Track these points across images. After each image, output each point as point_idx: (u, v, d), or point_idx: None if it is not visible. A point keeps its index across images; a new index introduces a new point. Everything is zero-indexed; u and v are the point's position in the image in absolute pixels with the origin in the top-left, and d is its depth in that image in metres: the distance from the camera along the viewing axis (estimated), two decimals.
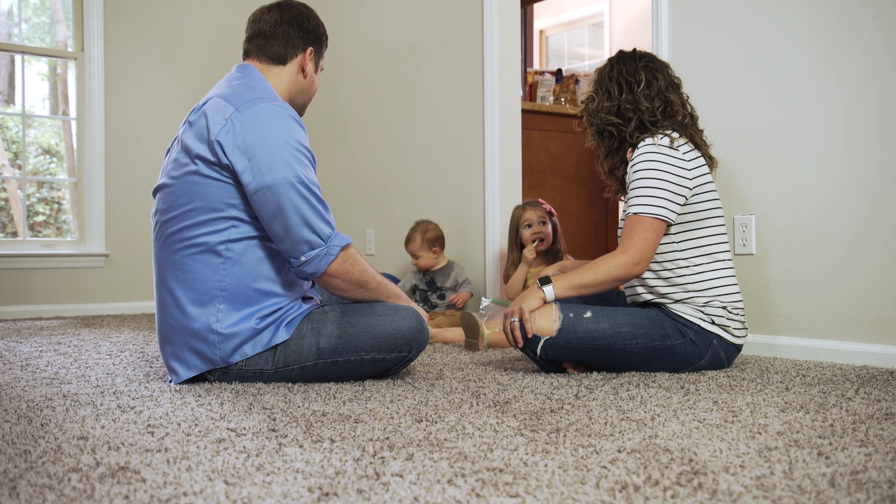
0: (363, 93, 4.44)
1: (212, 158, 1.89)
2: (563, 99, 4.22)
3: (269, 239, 1.97)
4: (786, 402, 1.69)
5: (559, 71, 4.30)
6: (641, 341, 2.14)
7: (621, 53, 2.34)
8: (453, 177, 3.83)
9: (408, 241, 3.61)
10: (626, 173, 2.33)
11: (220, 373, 1.97)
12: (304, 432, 1.41)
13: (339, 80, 4.58)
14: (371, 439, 1.36)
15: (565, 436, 1.38)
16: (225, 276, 1.93)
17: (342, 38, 4.61)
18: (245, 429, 1.44)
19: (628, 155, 2.37)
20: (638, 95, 2.24)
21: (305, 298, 2.10)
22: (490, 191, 3.61)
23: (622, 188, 2.42)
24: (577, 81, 4.24)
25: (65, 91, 4.89)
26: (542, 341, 2.11)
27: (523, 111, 3.75)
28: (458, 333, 3.07)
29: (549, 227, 3.25)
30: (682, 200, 2.16)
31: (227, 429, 1.44)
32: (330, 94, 4.64)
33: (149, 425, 1.47)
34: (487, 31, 3.57)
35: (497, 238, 3.59)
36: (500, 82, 3.56)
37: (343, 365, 1.99)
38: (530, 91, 4.27)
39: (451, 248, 3.73)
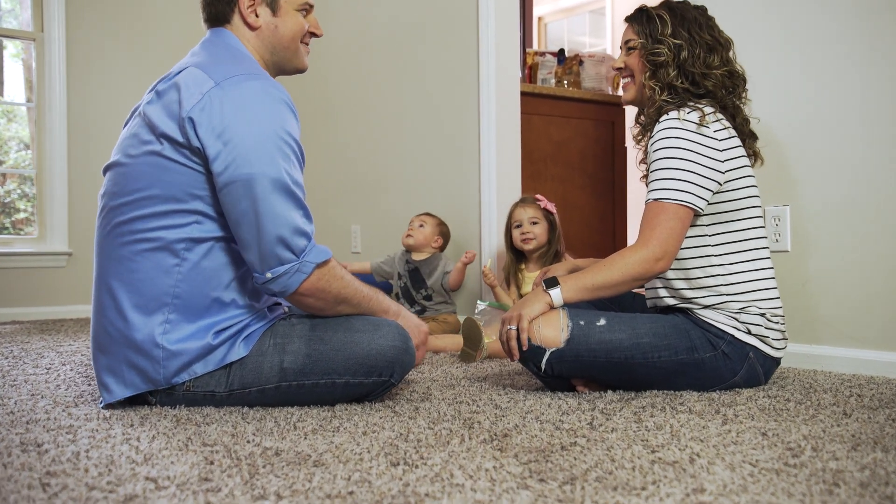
0: (349, 76, 4.14)
1: (180, 139, 1.59)
2: (565, 81, 3.92)
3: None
4: (853, 436, 1.39)
5: (561, 51, 4.00)
6: (665, 354, 1.83)
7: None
8: (446, 166, 3.53)
9: (423, 213, 3.33)
10: None
11: (163, 394, 1.66)
12: (245, 483, 1.10)
13: (322, 63, 4.28)
14: (329, 496, 1.05)
15: (583, 488, 1.07)
16: (180, 280, 1.63)
17: (326, 17, 4.31)
18: (169, 478, 1.13)
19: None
20: (709, 55, 1.94)
21: (272, 306, 1.79)
22: (486, 181, 3.31)
23: None
24: (580, 62, 3.94)
25: (30, 77, 4.57)
26: (548, 354, 1.81)
27: (523, 94, 3.45)
28: (451, 341, 2.77)
29: (544, 227, 2.95)
30: (712, 186, 1.86)
31: (147, 478, 1.13)
32: (312, 77, 4.34)
33: (48, 473, 1.16)
34: (483, 6, 3.26)
35: (494, 234, 3.28)
36: (498, 61, 3.26)
37: (310, 389, 1.68)
38: (530, 73, 3.97)
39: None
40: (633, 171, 3.90)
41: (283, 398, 1.69)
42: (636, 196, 4.15)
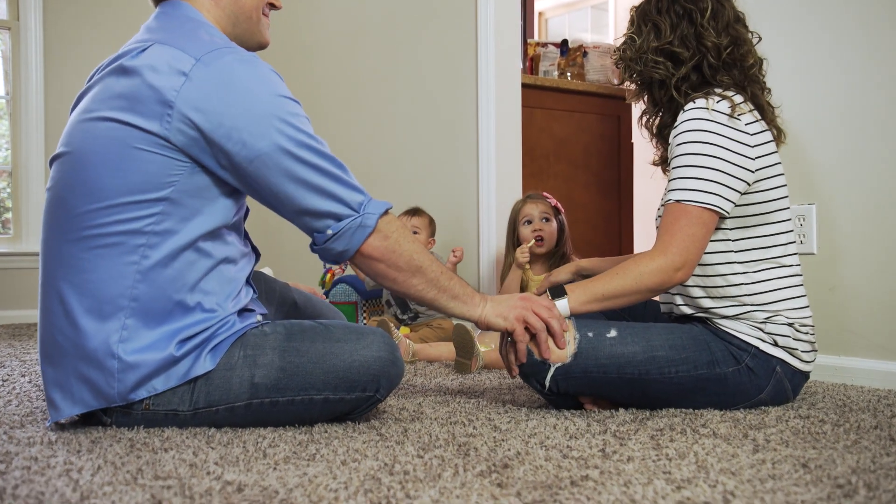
0: (339, 65, 3.97)
1: (155, 126, 1.42)
2: (568, 73, 3.75)
3: (211, 233, 1.50)
4: None
5: (564, 42, 3.83)
6: (683, 369, 1.66)
7: None
8: (443, 162, 3.36)
9: (411, 214, 3.14)
10: None
11: (119, 413, 1.49)
12: None
13: (311, 51, 4.10)
14: None
15: None
16: (139, 280, 1.45)
17: (315, 2, 4.13)
18: None
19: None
20: (703, 27, 1.73)
21: (242, 311, 1.61)
22: (485, 179, 3.14)
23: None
24: (585, 54, 3.77)
25: (7, 68, 4.39)
26: (552, 370, 1.63)
27: (524, 86, 3.28)
28: (446, 349, 2.60)
29: (554, 226, 2.78)
30: (741, 187, 1.68)
31: None
32: (300, 66, 4.16)
33: None
34: None
35: (493, 235, 3.11)
36: (497, 49, 3.09)
37: (285, 407, 1.51)
38: (531, 65, 3.80)
39: (438, 248, 3.25)
40: (641, 169, 3.73)
41: (255, 417, 1.51)
42: (643, 195, 3.99)
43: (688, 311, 1.76)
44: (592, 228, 3.65)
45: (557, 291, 1.67)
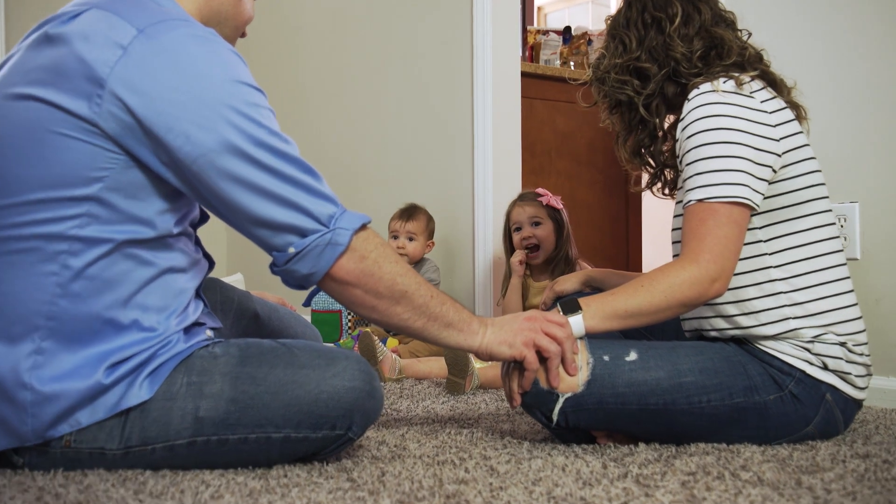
0: (324, 54, 3.72)
1: (83, 109, 1.17)
2: (572, 63, 3.53)
3: (152, 240, 1.25)
4: None
5: (567, 29, 3.60)
6: (715, 398, 1.41)
7: None
8: (435, 157, 3.12)
9: (406, 217, 2.89)
10: (659, 153, 1.63)
11: (33, 453, 1.23)
12: None
13: (294, 39, 3.87)
14: None
15: None
16: (59, 295, 1.20)
17: None
18: None
19: (665, 124, 1.66)
20: (671, 36, 1.54)
21: (191, 328, 1.36)
22: (481, 176, 2.90)
23: (658, 176, 1.70)
24: (589, 42, 3.55)
25: None
26: (561, 400, 1.38)
27: (524, 74, 3.05)
28: (437, 366, 2.35)
29: (549, 228, 2.54)
30: (768, 175, 1.44)
31: None
32: (282, 55, 3.92)
33: None
34: None
35: (490, 239, 2.87)
36: (495, 35, 2.85)
37: (237, 446, 1.26)
38: (531, 54, 3.58)
39: (431, 252, 3.01)
40: None
41: (200, 458, 1.26)
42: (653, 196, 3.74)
43: (722, 329, 1.51)
44: (597, 231, 3.42)
45: (570, 306, 1.42)
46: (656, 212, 4.07)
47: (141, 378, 1.23)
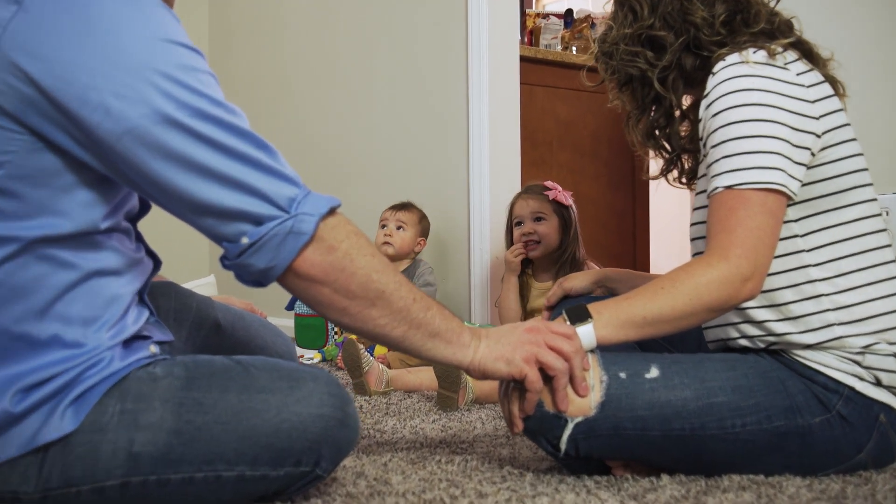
0: (310, 40, 3.52)
1: None
2: (574, 48, 3.33)
3: (72, 237, 1.04)
4: None
5: (569, 12, 3.41)
6: (751, 421, 1.21)
7: None
8: (426, 148, 2.93)
9: (398, 207, 2.73)
10: (676, 136, 1.44)
11: None
12: None
13: (278, 24, 3.67)
14: None
15: None
16: None
17: None
18: None
19: (685, 102, 1.46)
20: (689, 1, 1.34)
21: (132, 341, 1.15)
22: (476, 170, 2.71)
23: (674, 163, 1.51)
24: (592, 25, 3.36)
25: None
26: (571, 426, 1.18)
27: (523, 59, 2.86)
28: (427, 377, 2.15)
29: (554, 224, 2.34)
30: (806, 158, 1.24)
31: None
32: (266, 41, 3.73)
33: None
34: None
35: (487, 237, 2.68)
36: (492, 14, 2.66)
37: (180, 487, 1.05)
38: (530, 39, 3.38)
39: (424, 251, 2.81)
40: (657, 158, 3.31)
41: (136, 502, 1.05)
42: (662, 190, 3.56)
43: (750, 342, 1.31)
44: (602, 227, 3.22)
45: (578, 314, 1.21)
46: (665, 207, 3.88)
47: (63, 405, 1.03)
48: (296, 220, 1.04)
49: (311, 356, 2.65)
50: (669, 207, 4.03)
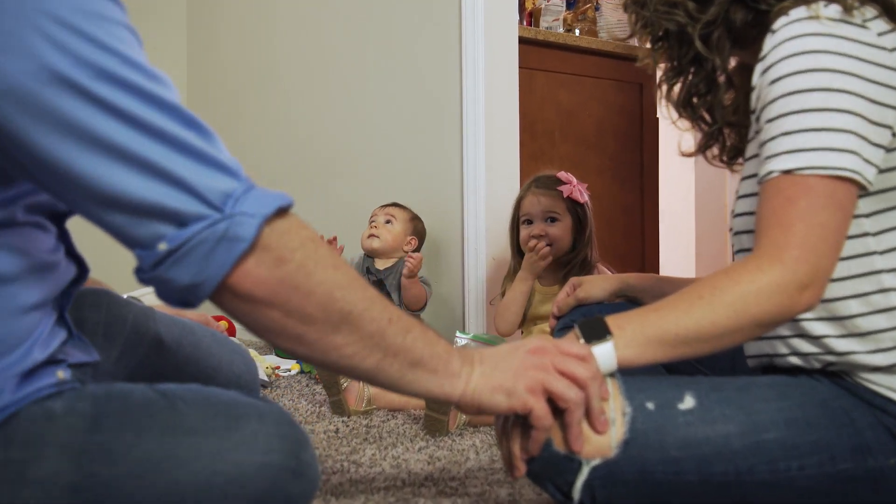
0: (297, 29, 3.31)
1: None
2: (577, 30, 3.11)
3: None
4: None
5: None
6: (811, 462, 0.98)
7: None
8: (416, 140, 2.74)
9: (389, 204, 2.58)
10: (719, 106, 1.21)
11: None
12: None
13: (265, 12, 3.45)
14: None
15: None
16: None
17: None
18: None
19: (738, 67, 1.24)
20: None
21: (42, 367, 0.91)
22: (470, 162, 2.51)
23: (715, 137, 1.27)
24: (597, 7, 3.15)
25: None
26: (587, 470, 0.95)
27: (521, 41, 2.65)
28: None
29: (567, 225, 2.12)
30: (885, 139, 1.01)
31: None
32: (252, 31, 3.52)
33: None
34: None
35: (482, 235, 2.47)
36: None
37: None
38: (530, 20, 3.16)
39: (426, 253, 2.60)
40: (667, 150, 3.10)
41: None
42: (671, 184, 3.35)
43: (802, 361, 1.08)
44: (608, 225, 3.00)
45: (595, 329, 0.98)
46: (676, 204, 3.67)
47: None
48: (231, 221, 0.80)
49: (288, 367, 2.43)
50: (681, 204, 3.82)
